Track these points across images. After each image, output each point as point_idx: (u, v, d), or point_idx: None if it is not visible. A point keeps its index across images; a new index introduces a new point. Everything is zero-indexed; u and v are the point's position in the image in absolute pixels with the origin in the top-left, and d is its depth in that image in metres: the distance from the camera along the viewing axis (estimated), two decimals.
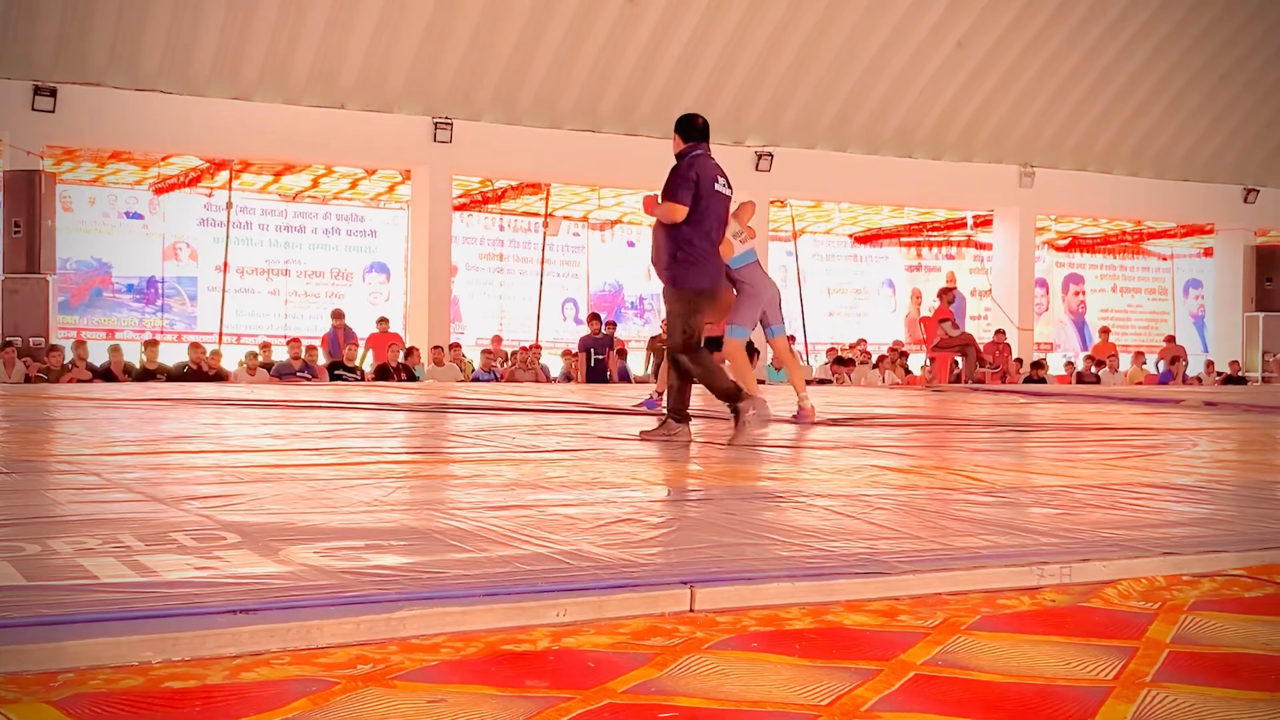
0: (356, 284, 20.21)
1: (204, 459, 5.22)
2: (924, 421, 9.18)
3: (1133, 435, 7.72)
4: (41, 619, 2.31)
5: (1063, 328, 26.05)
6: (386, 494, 4.20)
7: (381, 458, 5.59)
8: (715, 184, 6.58)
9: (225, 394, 10.92)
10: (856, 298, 24.99)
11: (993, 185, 21.30)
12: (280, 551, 2.98)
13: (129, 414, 8.27)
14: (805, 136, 19.77)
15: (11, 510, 3.68)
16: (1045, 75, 20.20)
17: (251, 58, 16.37)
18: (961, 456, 6.30)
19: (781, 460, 5.86)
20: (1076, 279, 26.19)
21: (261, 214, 19.82)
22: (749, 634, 2.54)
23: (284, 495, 4.03)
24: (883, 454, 6.14)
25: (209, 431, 6.92)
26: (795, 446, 6.57)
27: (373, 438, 6.55)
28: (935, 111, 20.16)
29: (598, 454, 5.80)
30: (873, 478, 4.92)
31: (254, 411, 8.63)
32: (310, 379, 15.35)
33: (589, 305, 22.40)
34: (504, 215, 21.39)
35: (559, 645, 2.42)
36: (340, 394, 11.36)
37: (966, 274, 25.15)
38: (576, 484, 4.56)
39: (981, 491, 4.48)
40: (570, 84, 17.93)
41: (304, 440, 6.25)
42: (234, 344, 18.44)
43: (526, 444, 6.27)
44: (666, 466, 5.52)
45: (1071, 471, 5.29)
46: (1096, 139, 21.57)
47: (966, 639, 2.52)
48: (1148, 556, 3.19)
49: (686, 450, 6.11)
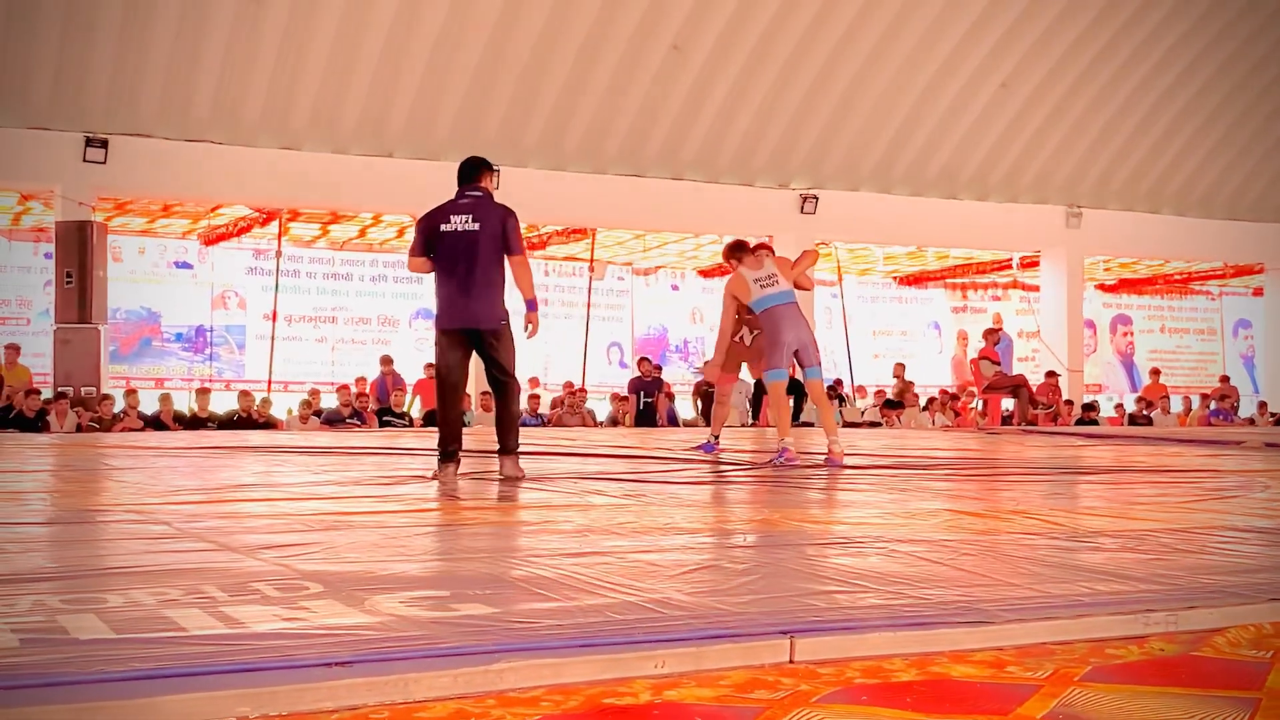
0: (403, 330, 20.30)
1: (271, 507, 5.19)
2: (985, 465, 9.05)
3: (1200, 478, 7.57)
4: (135, 673, 2.26)
5: (1111, 369, 25.81)
6: (460, 541, 4.15)
7: (448, 504, 5.55)
8: (443, 226, 6.72)
9: (278, 441, 10.93)
10: (902, 339, 24.86)
11: (1039, 226, 21.17)
12: (366, 601, 2.93)
13: (186, 462, 8.28)
14: (850, 179, 19.74)
15: (88, 561, 3.65)
16: (1090, 115, 20.11)
17: (300, 107, 16.52)
18: (1033, 500, 6.18)
19: (848, 504, 5.77)
20: (1124, 320, 25.98)
21: (309, 262, 20.00)
22: (855, 686, 2.45)
23: (359, 543, 3.99)
24: (953, 498, 6.04)
25: (269, 479, 6.89)
26: (858, 489, 6.47)
27: (433, 485, 6.51)
28: (980, 152, 20.10)
29: (664, 499, 5.74)
30: (949, 522, 4.82)
31: (309, 459, 8.61)
32: (360, 425, 15.37)
33: (634, 349, 22.40)
34: (549, 260, 21.45)
35: (661, 699, 2.34)
36: (392, 440, 11.35)
37: (1013, 315, 24.99)
38: (649, 529, 4.49)
39: (1064, 536, 4.38)
40: (615, 129, 18.00)
41: (366, 487, 6.23)
42: (282, 391, 18.54)
43: (590, 489, 6.22)
44: (734, 510, 5.44)
45: (1150, 515, 5.18)
46: (1143, 178, 21.43)
47: (1082, 691, 2.43)
48: (1254, 603, 3.08)
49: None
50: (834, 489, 6.46)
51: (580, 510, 5.16)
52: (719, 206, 18.96)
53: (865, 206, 19.90)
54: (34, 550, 3.93)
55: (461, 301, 6.70)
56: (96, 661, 2.33)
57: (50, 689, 2.14)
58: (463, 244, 6.66)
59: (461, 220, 6.70)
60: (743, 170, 19.11)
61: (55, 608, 2.83)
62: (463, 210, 6.74)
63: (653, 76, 17.58)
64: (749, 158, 18.94)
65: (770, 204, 19.28)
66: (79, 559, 3.73)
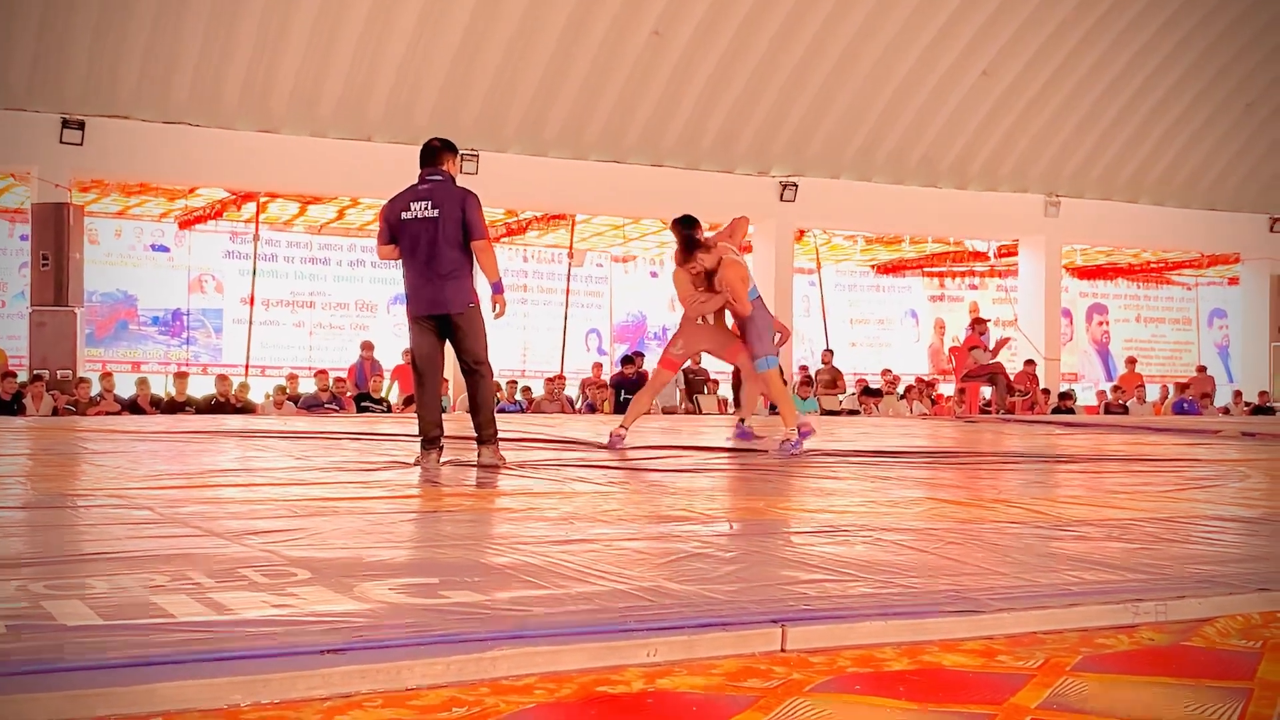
0: (381, 316, 20.22)
1: (254, 493, 5.16)
2: (964, 453, 9.08)
3: (1180, 466, 7.61)
4: (128, 660, 2.24)
5: (1087, 358, 25.91)
6: (445, 528, 4.14)
7: (430, 490, 5.54)
8: (404, 214, 6.72)
9: (257, 426, 10.87)
10: (880, 328, 24.91)
11: (1018, 214, 21.25)
12: (355, 588, 2.92)
13: (166, 446, 8.23)
14: (830, 166, 19.76)
15: (70, 546, 3.63)
16: (1071, 104, 20.17)
17: (279, 90, 16.43)
18: (1014, 488, 6.22)
19: (832, 493, 5.78)
20: (1100, 309, 26.07)
21: (287, 246, 19.87)
22: (848, 675, 2.45)
23: (345, 529, 3.97)
24: (935, 486, 6.06)
25: (250, 464, 6.87)
26: (840, 478, 6.48)
27: (415, 471, 6.49)
28: (960, 140, 20.15)
29: (647, 486, 5.73)
30: (934, 510, 4.84)
31: (289, 444, 8.58)
32: (338, 410, 15.32)
33: (612, 336, 22.39)
34: (527, 247, 21.41)
35: (655, 687, 2.34)
36: (371, 425, 11.31)
37: (990, 304, 25.06)
38: (635, 517, 4.49)
39: (1049, 525, 4.40)
40: (596, 115, 17.96)
41: (348, 473, 6.21)
42: (259, 376, 18.45)
43: (572, 475, 6.21)
44: (720, 499, 5.45)
45: (1132, 504, 5.20)
46: (1122, 168, 21.52)
47: (1074, 681, 2.44)
48: (1243, 593, 3.10)
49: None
50: (817, 477, 6.47)
51: (564, 498, 5.16)
52: (699, 193, 18.91)
53: (845, 194, 19.94)
54: (14, 535, 3.90)
55: (428, 287, 6.71)
56: (88, 649, 2.31)
57: (43, 676, 2.12)
58: (424, 231, 6.66)
59: (421, 207, 6.69)
60: (723, 157, 19.11)
61: (40, 594, 2.80)
62: (422, 196, 6.73)
63: (633, 62, 17.55)
64: (729, 144, 18.94)
65: (750, 191, 19.27)
66: (61, 544, 3.70)
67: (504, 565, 3.31)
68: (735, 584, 3.10)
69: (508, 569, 3.25)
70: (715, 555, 3.60)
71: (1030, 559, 3.58)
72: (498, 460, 6.73)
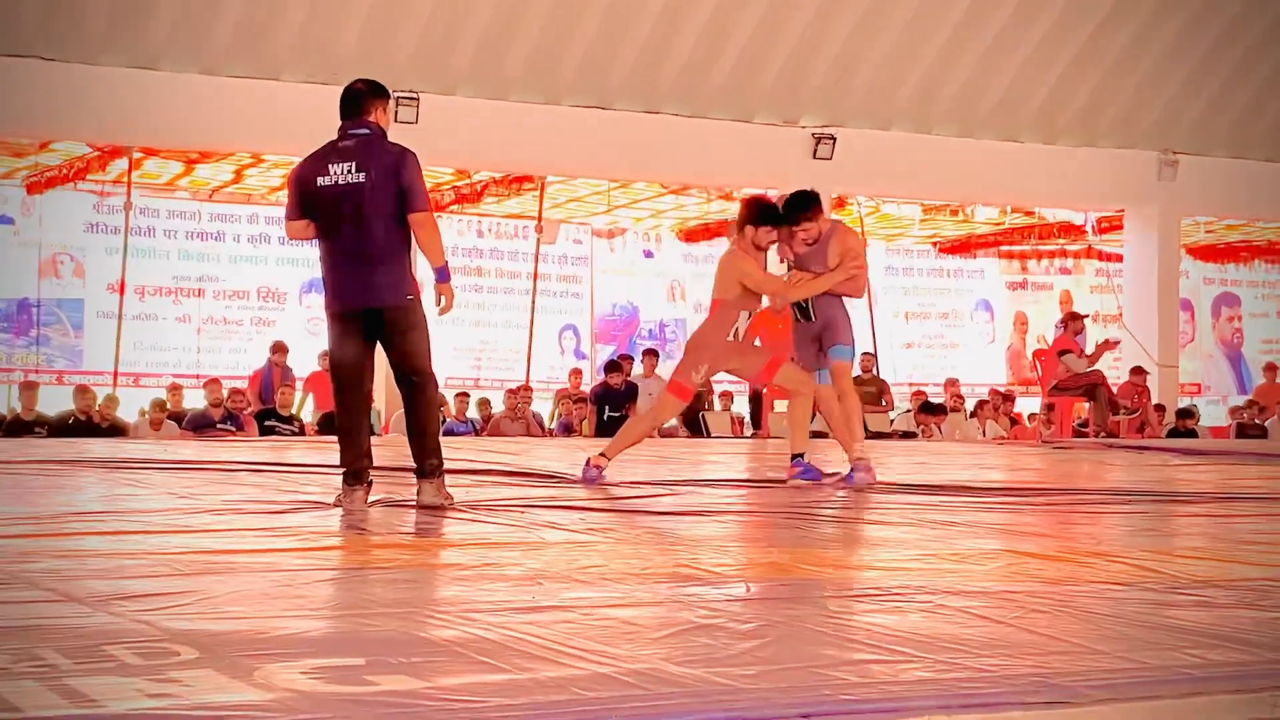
0: (292, 307, 20.22)
1: (124, 543, 5.16)
2: (1053, 489, 9.09)
3: None
4: None
5: (1213, 363, 26.01)
6: (375, 590, 4.15)
7: (356, 540, 5.53)
8: (320, 179, 6.74)
9: (128, 453, 10.87)
10: (943, 324, 24.97)
11: (1123, 177, 21.31)
12: (255, 671, 2.92)
13: (8, 480, 8.22)
14: (877, 115, 19.80)
15: None
16: (1190, 36, 20.20)
17: (160, 16, 16.42)
18: (1118, 537, 6.23)
19: (878, 543, 5.79)
20: (1230, 300, 26.17)
21: (168, 216, 19.87)
22: None
23: (243, 593, 3.98)
24: (1013, 534, 6.07)
25: (121, 504, 6.86)
26: (890, 523, 6.49)
27: (335, 514, 6.49)
28: (1046, 82, 20.20)
29: (639, 534, 5.74)
30: (1012, 567, 4.85)
31: (172, 477, 8.59)
32: (236, 432, 15.32)
33: (593, 334, 22.40)
34: (483, 218, 21.42)
35: None
36: (279, 453, 11.31)
37: (1087, 293, 25.16)
38: (623, 576, 4.50)
39: (1162, 587, 4.40)
40: (573, 46, 17.97)
41: (249, 517, 6.21)
42: (131, 387, 18.44)
43: (541, 520, 6.21)
44: (735, 551, 5.45)
45: (1271, 559, 5.23)
46: (1258, 118, 21.56)
47: None
48: None
49: None
50: (859, 522, 6.48)
51: (530, 550, 5.15)
52: (707, 149, 18.98)
53: (897, 151, 19.98)
54: None
55: (352, 275, 6.73)
56: None
57: None
58: (347, 201, 6.67)
59: (342, 170, 6.70)
60: (738, 103, 19.14)
61: None
62: (344, 156, 6.74)
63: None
64: (746, 86, 18.98)
65: (775, 147, 19.31)
66: None
67: (450, 641, 3.31)
68: (754, 666, 3.10)
69: (455, 646, 3.25)
70: (728, 627, 3.59)
71: (1137, 633, 3.58)
72: (443, 499, 6.74)
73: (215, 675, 2.89)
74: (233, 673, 2.91)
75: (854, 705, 2.78)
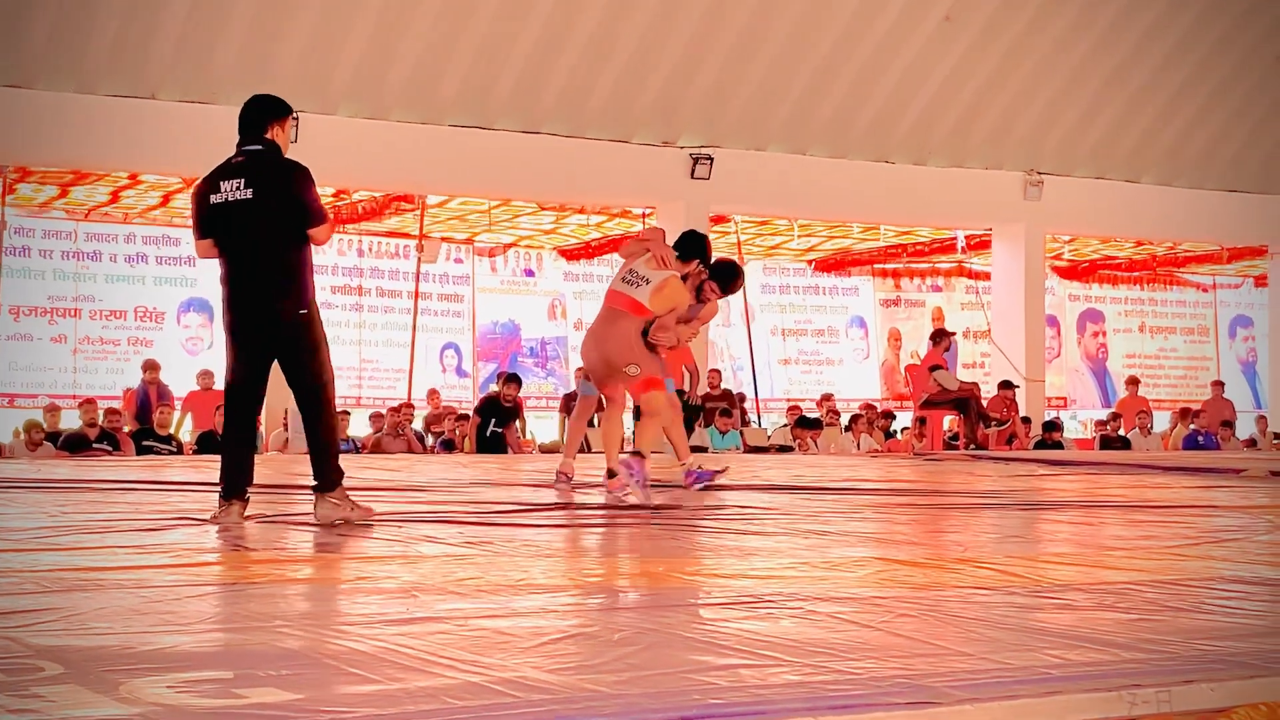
0: (170, 327, 19.98)
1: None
2: (924, 499, 9.19)
3: (1192, 515, 7.80)
4: None
5: (1078, 378, 26.45)
6: (248, 605, 4.10)
7: (230, 555, 5.49)
8: (213, 197, 6.72)
9: (2, 473, 10.69)
10: (819, 340, 25.17)
11: (991, 197, 21.57)
12: (121, 686, 2.88)
13: None
14: (754, 136, 19.91)
15: None
16: (1057, 58, 20.51)
17: (35, 32, 16.13)
18: (985, 544, 6.31)
19: (752, 552, 5.81)
20: (1094, 316, 26.64)
21: (44, 236, 19.58)
22: None
23: (111, 609, 3.93)
24: (885, 543, 6.13)
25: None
26: (765, 533, 6.52)
27: (211, 530, 6.42)
28: (918, 104, 20.41)
29: (516, 546, 5.73)
30: (882, 574, 4.90)
31: (46, 496, 8.44)
32: (112, 452, 15.09)
33: (475, 352, 22.34)
34: (364, 236, 21.30)
35: None
36: (156, 472, 11.17)
37: (957, 309, 25.49)
38: (498, 587, 4.51)
39: (1025, 591, 4.48)
40: (453, 66, 17.90)
41: (121, 534, 6.12)
42: (6, 408, 18.23)
43: (418, 534, 6.19)
44: (606, 562, 5.46)
45: (1132, 563, 5.31)
46: (1121, 139, 21.94)
47: None
48: (1265, 675, 3.17)
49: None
50: (734, 532, 6.50)
51: (406, 563, 5.15)
52: (586, 168, 18.99)
53: (773, 170, 20.08)
54: None
55: (246, 291, 6.70)
56: None
57: None
58: (237, 218, 6.63)
59: (232, 187, 6.66)
60: (618, 123, 19.16)
61: None
62: (234, 173, 6.70)
63: (499, 1, 17.56)
64: (625, 106, 19.00)
65: (653, 165, 19.36)
66: None
67: (321, 653, 3.30)
68: (625, 672, 3.11)
69: (326, 658, 3.24)
70: (600, 636, 3.62)
71: (1001, 635, 3.64)
72: (344, 515, 6.62)
73: (80, 690, 2.86)
74: (98, 687, 2.88)
75: (723, 709, 2.79)
